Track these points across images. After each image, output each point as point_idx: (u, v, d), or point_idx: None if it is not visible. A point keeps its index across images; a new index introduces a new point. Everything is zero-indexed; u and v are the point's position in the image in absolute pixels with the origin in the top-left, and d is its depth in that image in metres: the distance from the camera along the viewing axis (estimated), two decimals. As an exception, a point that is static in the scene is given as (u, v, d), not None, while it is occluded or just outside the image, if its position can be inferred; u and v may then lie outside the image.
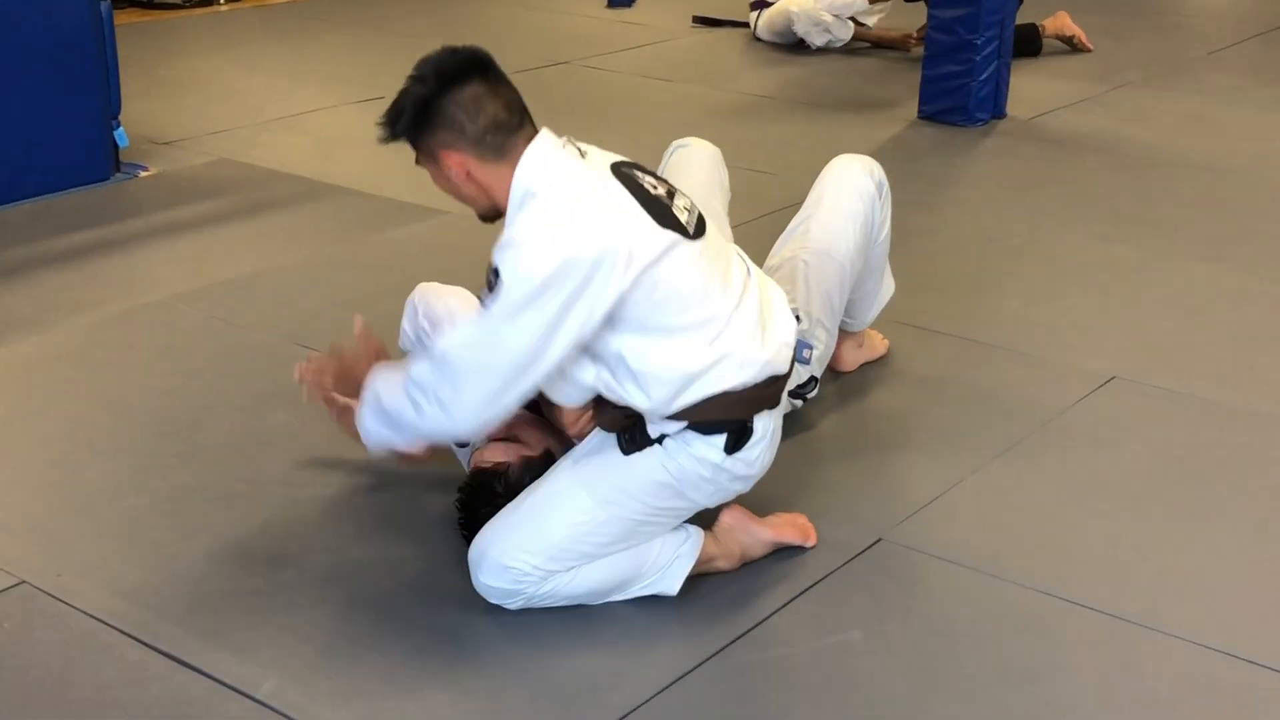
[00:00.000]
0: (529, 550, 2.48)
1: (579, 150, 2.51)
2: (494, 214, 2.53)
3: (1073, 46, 6.92)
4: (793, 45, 6.98)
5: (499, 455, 2.75)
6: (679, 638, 2.51)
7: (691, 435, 2.52)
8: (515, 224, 2.42)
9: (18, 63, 4.55)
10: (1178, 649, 2.51)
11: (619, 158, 2.55)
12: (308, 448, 3.11)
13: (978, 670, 2.46)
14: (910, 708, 2.36)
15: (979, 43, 5.56)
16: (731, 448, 2.54)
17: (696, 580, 2.63)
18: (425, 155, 2.50)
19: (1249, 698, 2.41)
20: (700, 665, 2.43)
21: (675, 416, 2.50)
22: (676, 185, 2.71)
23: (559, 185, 2.42)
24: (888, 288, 3.46)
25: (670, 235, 2.43)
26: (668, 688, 2.37)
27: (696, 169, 3.22)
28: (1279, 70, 6.46)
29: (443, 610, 2.58)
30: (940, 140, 5.55)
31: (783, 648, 2.49)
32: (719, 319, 2.49)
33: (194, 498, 2.93)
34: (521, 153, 2.45)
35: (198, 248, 4.33)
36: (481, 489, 2.70)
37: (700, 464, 2.54)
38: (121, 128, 4.87)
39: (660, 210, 2.45)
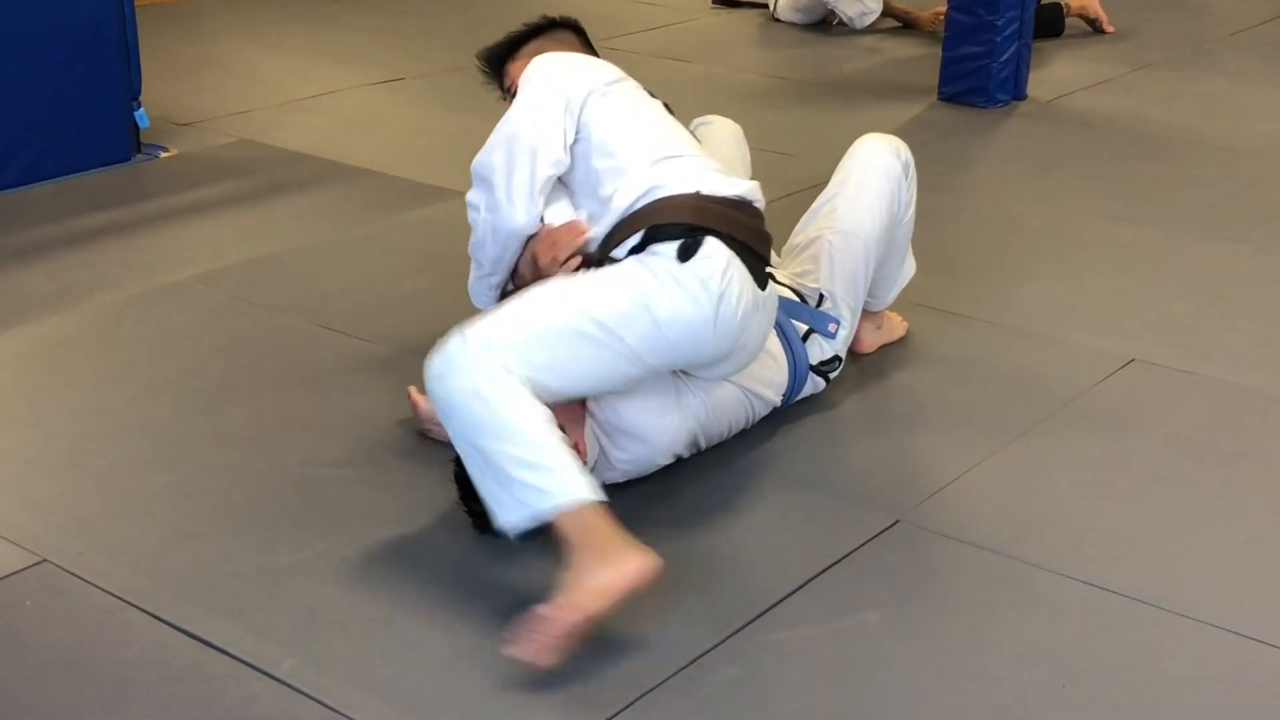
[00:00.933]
0: (485, 322, 2.57)
1: None
2: None
3: (1095, 28, 6.89)
4: (813, 25, 6.95)
5: None
6: (695, 619, 2.51)
7: (652, 249, 2.66)
8: None
9: (39, 44, 4.56)
10: (1196, 632, 2.51)
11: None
12: (328, 427, 3.13)
13: (995, 652, 2.46)
14: (927, 690, 2.36)
15: (999, 24, 5.53)
16: (683, 255, 2.62)
17: (711, 560, 2.65)
18: (525, 59, 2.97)
19: (1268, 682, 2.40)
20: (717, 646, 2.44)
21: (629, 226, 2.69)
22: None
23: None
24: (909, 268, 3.46)
25: (655, 100, 2.91)
26: (684, 668, 2.38)
27: (719, 145, 3.23)
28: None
29: (462, 590, 2.59)
30: (960, 122, 5.53)
31: (799, 629, 2.49)
32: (671, 152, 2.79)
33: (215, 477, 2.95)
34: None
35: (218, 228, 4.34)
36: None
37: (659, 271, 2.63)
38: (142, 109, 4.88)
39: (656, 99, 2.93)
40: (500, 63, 3.10)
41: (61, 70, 4.62)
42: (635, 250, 2.68)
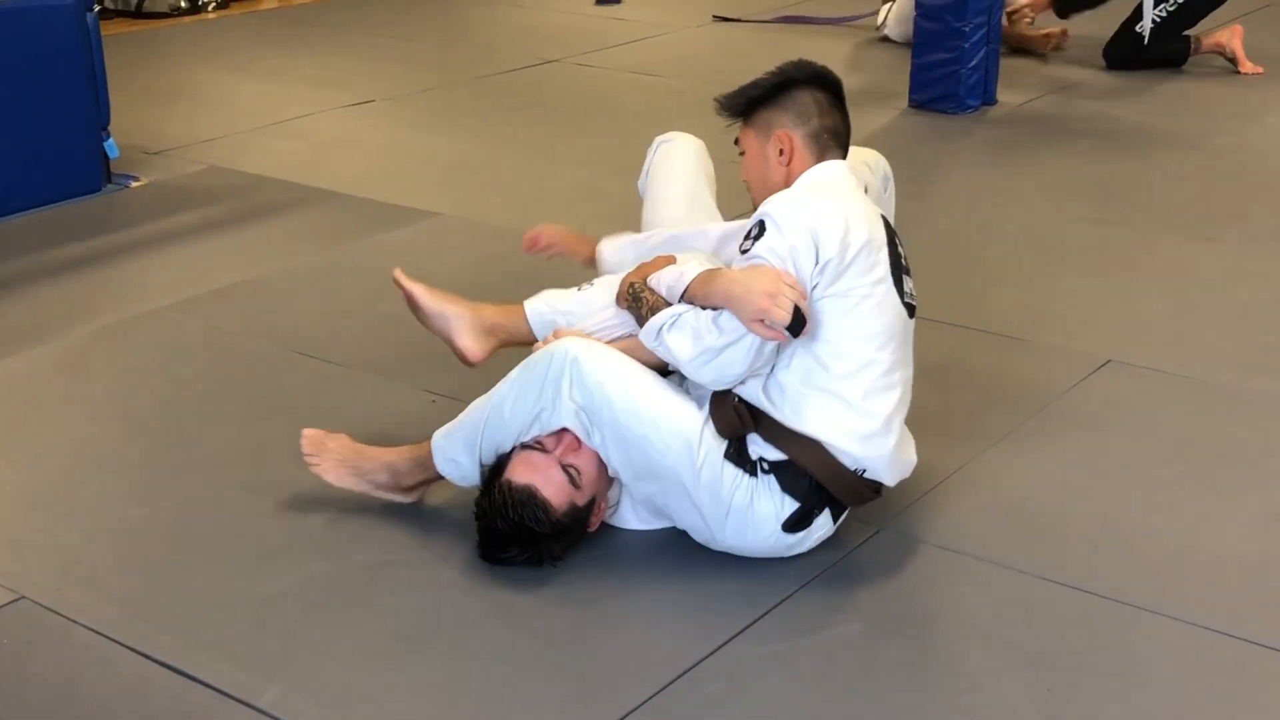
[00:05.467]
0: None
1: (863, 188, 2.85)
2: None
3: (1233, 66, 6.35)
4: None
5: (550, 487, 2.63)
6: (681, 634, 2.50)
7: (772, 483, 2.60)
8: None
9: (6, 77, 4.54)
10: (1180, 632, 2.51)
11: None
12: (305, 454, 3.11)
13: (978, 658, 2.46)
14: (911, 698, 2.36)
15: (967, 30, 5.56)
16: (792, 525, 2.62)
17: (697, 576, 2.66)
18: (759, 128, 2.81)
19: (1251, 679, 2.41)
20: (703, 660, 2.43)
21: (781, 441, 2.58)
22: (665, 176, 3.01)
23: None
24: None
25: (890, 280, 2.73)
26: (670, 684, 2.37)
27: (682, 162, 3.22)
28: (1266, 49, 6.45)
29: (447, 616, 2.58)
30: (931, 128, 5.54)
31: (784, 641, 2.49)
32: (878, 378, 2.69)
33: (193, 508, 2.93)
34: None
35: (191, 256, 4.33)
36: (522, 506, 2.60)
37: (754, 510, 2.61)
38: (111, 139, 4.87)
39: (897, 265, 2.77)
40: (753, 108, 2.88)
41: (29, 103, 4.60)
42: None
